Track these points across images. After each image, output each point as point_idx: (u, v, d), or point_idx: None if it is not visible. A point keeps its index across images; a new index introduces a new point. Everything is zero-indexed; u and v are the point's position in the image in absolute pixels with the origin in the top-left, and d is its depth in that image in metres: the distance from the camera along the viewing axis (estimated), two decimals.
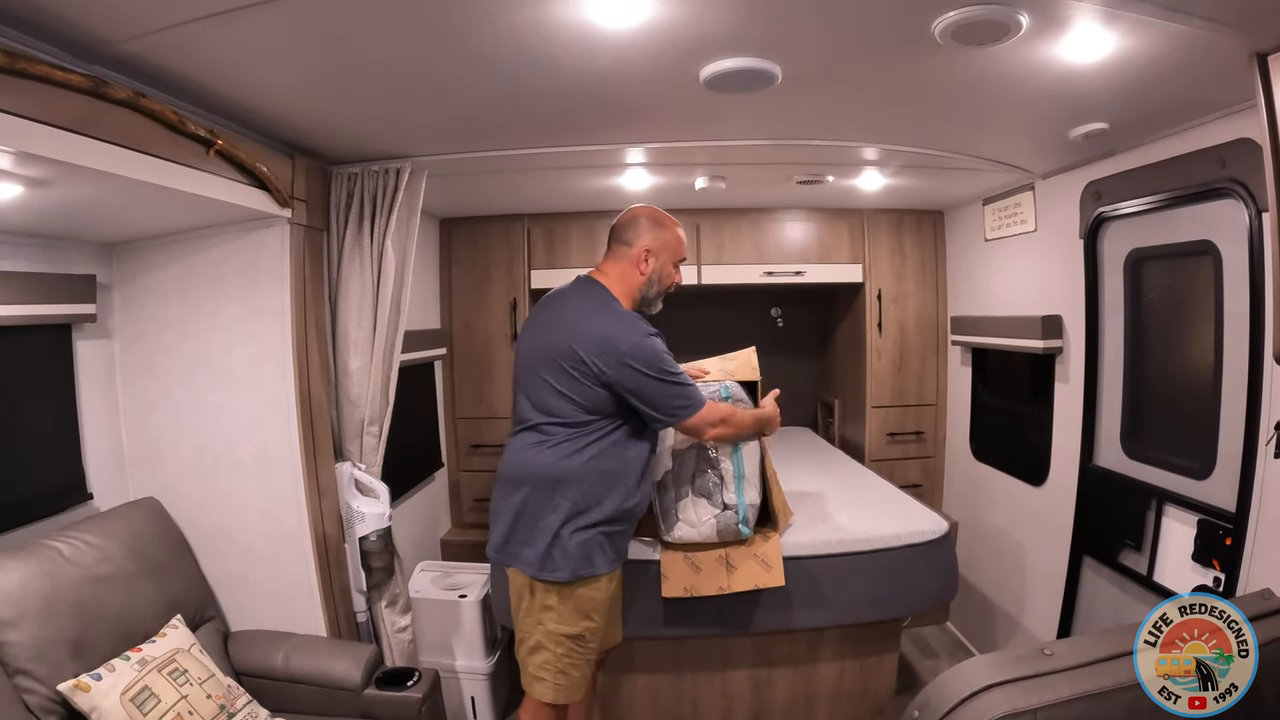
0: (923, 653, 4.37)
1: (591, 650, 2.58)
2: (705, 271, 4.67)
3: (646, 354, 2.45)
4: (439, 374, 4.66)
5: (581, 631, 2.52)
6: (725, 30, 1.93)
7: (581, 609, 2.51)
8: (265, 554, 2.88)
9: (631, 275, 2.66)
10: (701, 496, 2.82)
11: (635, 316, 2.57)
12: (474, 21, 1.83)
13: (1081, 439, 3.40)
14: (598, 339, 2.45)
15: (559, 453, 2.48)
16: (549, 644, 2.51)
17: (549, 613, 2.50)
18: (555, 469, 2.47)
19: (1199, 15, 1.80)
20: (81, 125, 1.77)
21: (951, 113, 2.71)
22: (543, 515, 2.47)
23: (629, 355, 2.43)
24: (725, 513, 2.81)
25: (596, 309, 2.56)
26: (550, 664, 2.52)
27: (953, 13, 1.80)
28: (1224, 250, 2.66)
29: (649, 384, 2.45)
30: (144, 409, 2.90)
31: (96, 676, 2.14)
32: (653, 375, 2.44)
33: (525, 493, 2.50)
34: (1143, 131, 2.85)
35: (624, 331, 2.47)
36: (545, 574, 2.46)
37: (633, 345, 2.44)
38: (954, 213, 4.68)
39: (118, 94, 1.86)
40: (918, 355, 4.81)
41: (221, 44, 1.88)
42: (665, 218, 2.73)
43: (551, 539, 2.45)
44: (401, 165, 3.00)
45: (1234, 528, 2.54)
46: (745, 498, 2.83)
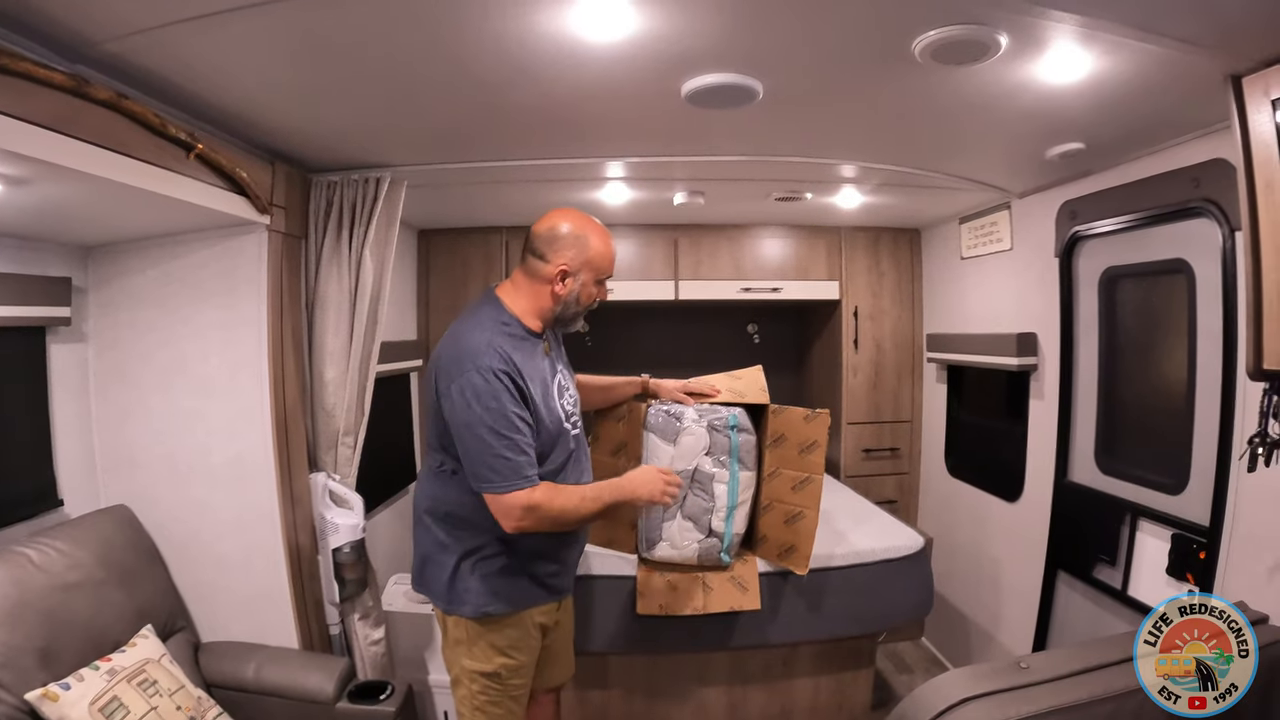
0: (898, 668, 4.38)
1: (516, 688, 2.41)
2: (683, 287, 4.67)
3: (468, 388, 2.12)
4: (415, 386, 4.62)
5: (496, 669, 2.34)
6: (708, 46, 1.95)
7: (495, 645, 2.34)
8: (237, 564, 2.84)
9: (542, 294, 2.33)
10: (690, 520, 2.80)
11: (497, 341, 2.20)
12: (458, 32, 1.83)
13: (1056, 455, 3.43)
14: (441, 364, 2.21)
15: (446, 483, 2.31)
16: (464, 680, 2.37)
17: (460, 647, 2.36)
18: (443, 500, 2.32)
19: (1175, 37, 1.83)
20: (62, 124, 1.75)
21: (930, 131, 2.75)
22: (442, 548, 2.33)
23: (454, 381, 2.15)
24: (709, 539, 2.80)
25: (466, 325, 2.29)
26: (466, 700, 2.38)
27: (933, 32, 1.83)
28: (1197, 269, 2.70)
29: (459, 429, 2.15)
30: (117, 415, 2.86)
31: (65, 686, 2.10)
32: (467, 414, 2.12)
33: (425, 524, 2.37)
34: (1118, 152, 2.89)
35: (458, 360, 2.16)
36: (452, 608, 2.32)
37: (457, 387, 2.14)
38: (931, 231, 4.73)
39: (99, 94, 1.84)
40: (894, 372, 4.84)
41: (205, 47, 1.87)
42: (591, 229, 2.35)
43: (453, 573, 2.30)
44: (381, 175, 2.99)
45: (1208, 542, 2.57)
46: (733, 526, 2.83)
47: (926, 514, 4.81)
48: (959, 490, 4.40)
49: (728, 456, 2.79)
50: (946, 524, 4.48)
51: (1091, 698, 1.91)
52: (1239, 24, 1.75)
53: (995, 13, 1.74)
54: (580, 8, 1.72)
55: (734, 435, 2.77)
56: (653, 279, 4.62)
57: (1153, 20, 1.76)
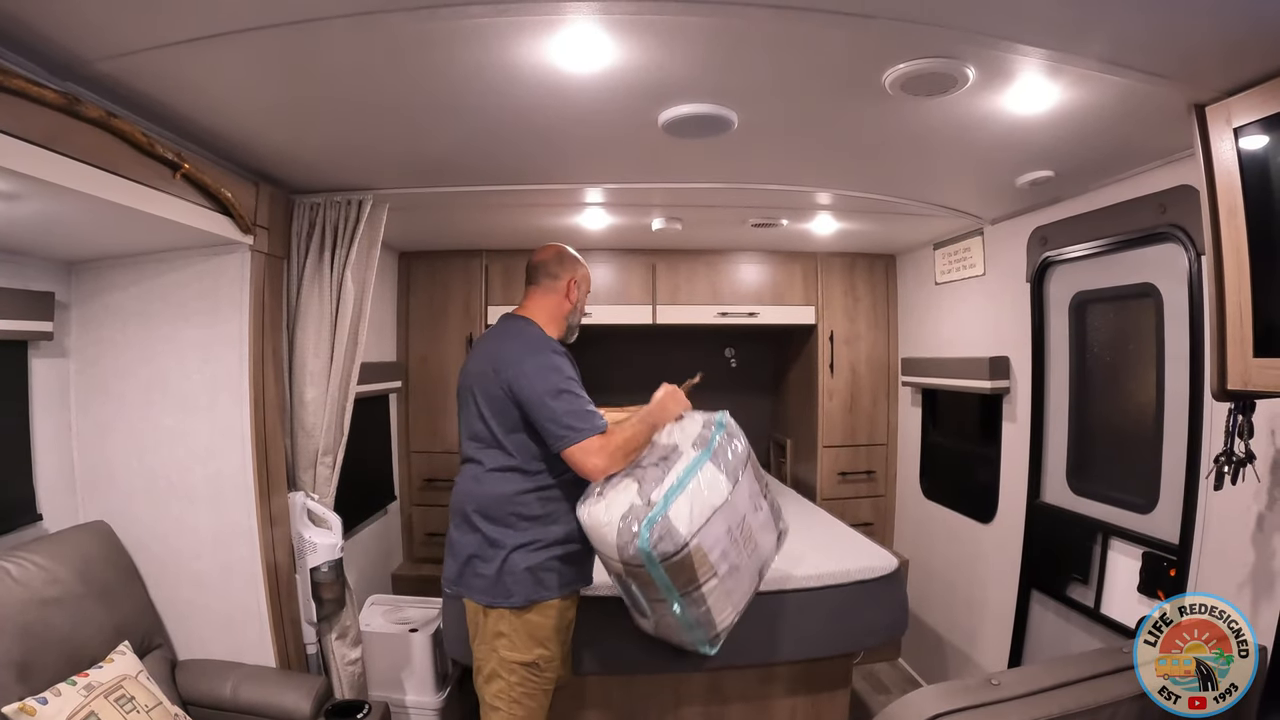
0: (875, 689, 4.39)
1: (548, 680, 2.58)
2: (661, 311, 4.73)
3: (543, 371, 2.46)
4: (394, 407, 4.64)
5: (535, 659, 2.52)
6: (685, 77, 2.00)
7: (534, 635, 2.51)
8: (215, 582, 2.83)
9: (560, 305, 2.71)
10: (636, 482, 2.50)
11: (548, 338, 2.61)
12: (441, 62, 1.88)
13: (1029, 476, 3.48)
14: (512, 363, 2.48)
15: (500, 481, 2.51)
16: (503, 672, 2.51)
17: (501, 639, 2.50)
18: (497, 497, 2.50)
19: (1139, 69, 1.89)
20: (53, 141, 1.77)
21: (903, 160, 2.81)
22: (492, 544, 2.49)
23: (528, 372, 2.44)
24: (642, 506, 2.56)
25: (516, 335, 2.61)
26: (504, 693, 2.52)
27: (902, 65, 1.89)
28: (1165, 292, 2.77)
29: (536, 401, 2.42)
30: (98, 430, 2.85)
31: (42, 700, 2.09)
32: (546, 383, 2.43)
33: (474, 523, 2.52)
34: (1087, 179, 2.97)
35: (529, 354, 2.50)
36: (498, 600, 2.48)
37: (534, 366, 2.46)
38: (905, 257, 4.80)
39: (90, 112, 1.86)
40: (869, 396, 4.89)
41: (193, 69, 1.90)
42: (578, 256, 2.81)
43: (501, 565, 2.47)
44: (364, 197, 3.02)
45: (1178, 559, 2.62)
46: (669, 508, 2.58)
47: (902, 536, 4.85)
48: (934, 512, 4.44)
49: (704, 448, 2.71)
50: (922, 546, 4.53)
51: (1063, 712, 1.93)
52: (1201, 55, 1.81)
53: (962, 46, 1.80)
54: (560, 39, 1.76)
55: (716, 431, 2.69)
56: (631, 303, 4.67)
57: (1117, 53, 1.82)
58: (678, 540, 2.29)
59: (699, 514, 2.35)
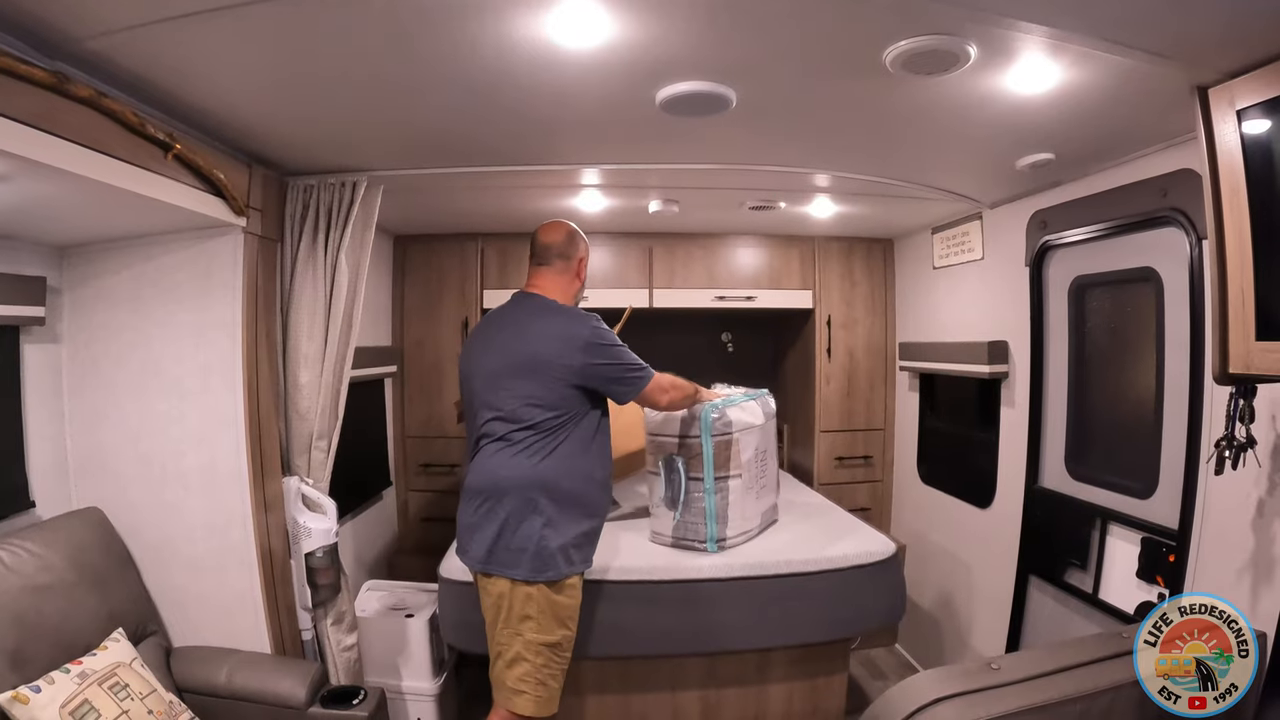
0: (872, 674, 4.40)
1: (567, 660, 2.64)
2: (657, 295, 4.71)
3: (602, 336, 2.66)
4: (389, 391, 4.62)
5: (559, 640, 2.57)
6: (683, 54, 1.97)
7: (559, 616, 2.56)
8: (210, 568, 2.81)
9: (571, 283, 2.86)
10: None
11: (579, 310, 2.78)
12: (435, 38, 1.85)
13: (1027, 461, 3.47)
14: (562, 337, 2.62)
15: (533, 458, 2.57)
16: (529, 655, 2.54)
17: (528, 623, 2.53)
18: (532, 474, 2.55)
19: (1142, 48, 1.87)
20: (41, 121, 1.74)
21: (902, 142, 2.79)
22: (526, 521, 2.53)
23: (590, 339, 2.61)
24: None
25: (554, 311, 2.73)
26: (530, 675, 2.54)
27: (903, 42, 1.86)
28: (1165, 276, 2.75)
29: (610, 362, 2.64)
30: (90, 416, 2.83)
31: (35, 689, 2.08)
32: (610, 352, 2.65)
33: (505, 501, 2.54)
34: (1087, 162, 2.95)
35: (579, 324, 2.66)
36: (536, 575, 2.52)
37: (591, 330, 2.64)
38: (903, 241, 4.78)
39: (79, 92, 1.83)
40: (866, 381, 4.88)
41: (185, 47, 1.87)
42: (582, 232, 2.93)
43: (539, 542, 2.52)
44: (358, 178, 2.99)
45: (1177, 544, 2.61)
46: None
47: (899, 521, 4.85)
48: (931, 497, 4.44)
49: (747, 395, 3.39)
50: (919, 531, 4.52)
51: (1062, 697, 1.93)
52: (1205, 36, 1.79)
53: (964, 24, 1.78)
54: (556, 13, 1.73)
55: (758, 392, 3.41)
56: (627, 287, 4.64)
57: (1120, 32, 1.80)
58: (728, 424, 3.10)
59: (741, 420, 3.17)
